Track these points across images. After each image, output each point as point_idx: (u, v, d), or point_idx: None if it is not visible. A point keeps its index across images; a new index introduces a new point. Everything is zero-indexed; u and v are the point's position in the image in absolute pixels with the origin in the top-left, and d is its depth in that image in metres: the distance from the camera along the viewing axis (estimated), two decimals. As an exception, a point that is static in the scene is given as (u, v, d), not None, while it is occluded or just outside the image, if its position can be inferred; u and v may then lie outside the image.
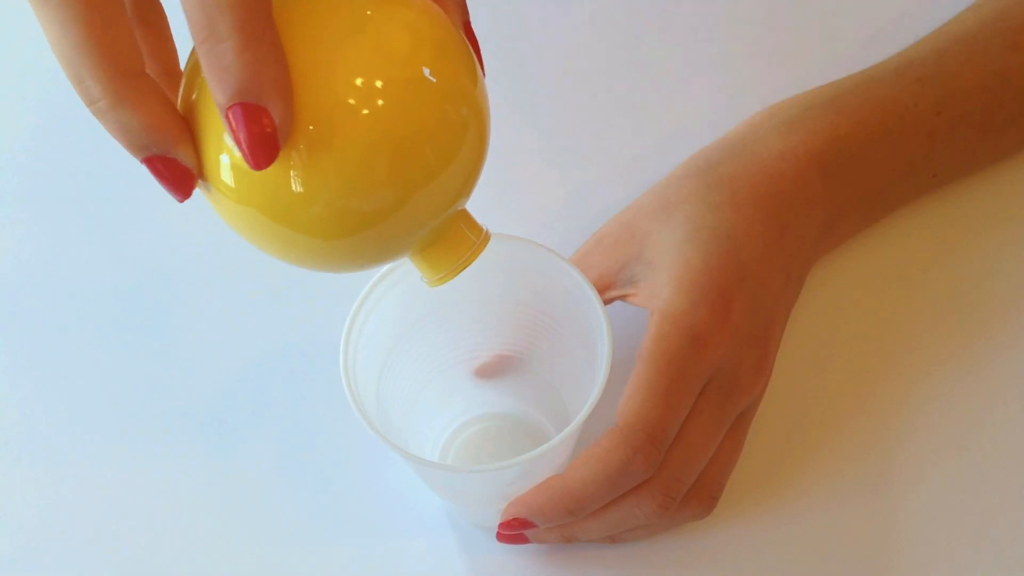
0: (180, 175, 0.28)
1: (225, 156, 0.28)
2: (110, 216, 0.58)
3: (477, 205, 0.54)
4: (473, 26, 0.34)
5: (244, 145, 0.26)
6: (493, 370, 0.49)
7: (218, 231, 0.32)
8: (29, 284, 0.56)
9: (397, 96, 0.29)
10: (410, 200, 0.30)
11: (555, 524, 0.44)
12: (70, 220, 0.58)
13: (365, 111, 0.28)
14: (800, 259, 0.49)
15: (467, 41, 0.32)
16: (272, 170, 0.27)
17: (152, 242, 0.57)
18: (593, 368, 0.42)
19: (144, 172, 0.28)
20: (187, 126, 0.28)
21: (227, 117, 0.26)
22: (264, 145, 0.26)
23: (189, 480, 0.50)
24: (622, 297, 0.48)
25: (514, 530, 0.44)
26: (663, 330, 0.44)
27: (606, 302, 0.48)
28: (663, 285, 0.46)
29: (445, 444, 0.50)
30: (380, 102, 0.29)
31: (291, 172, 0.28)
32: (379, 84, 0.29)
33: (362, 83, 0.28)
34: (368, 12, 0.29)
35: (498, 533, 0.45)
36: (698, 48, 0.62)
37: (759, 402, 0.47)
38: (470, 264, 0.34)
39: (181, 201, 0.29)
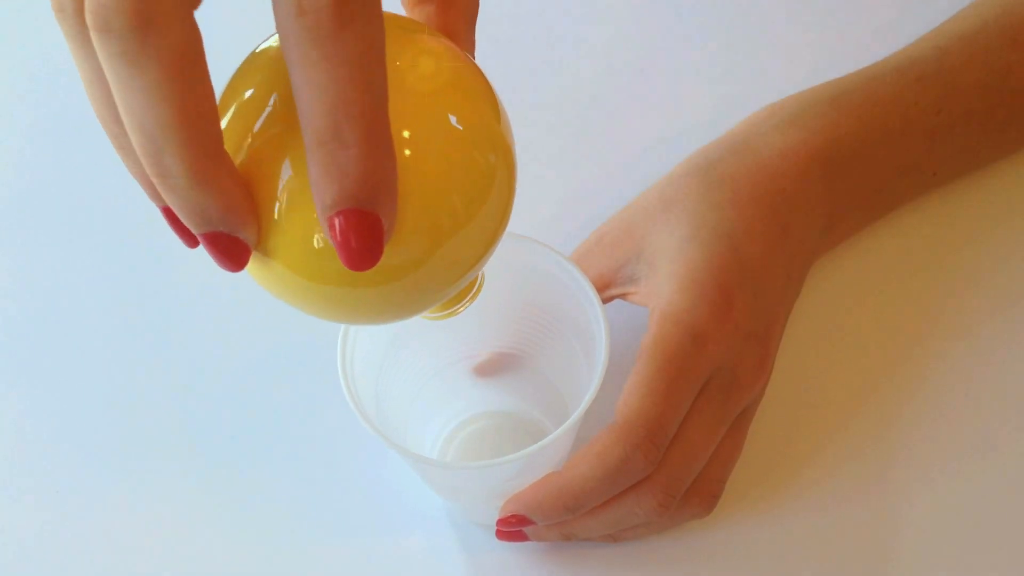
0: (238, 252, 0.27)
1: (294, 237, 0.27)
2: (105, 218, 0.58)
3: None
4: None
5: (349, 249, 0.26)
6: (492, 368, 0.49)
7: None
8: (26, 284, 0.56)
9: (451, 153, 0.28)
10: (480, 244, 0.30)
11: (553, 521, 0.44)
12: (67, 222, 0.58)
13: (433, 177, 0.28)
14: (801, 257, 0.49)
15: (487, 82, 0.31)
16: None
17: (148, 243, 0.56)
18: (592, 366, 0.42)
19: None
20: (255, 205, 0.27)
21: (333, 218, 0.25)
22: (371, 251, 0.26)
23: (188, 479, 0.50)
24: (622, 296, 0.48)
25: (512, 527, 0.44)
26: (663, 328, 0.44)
27: (606, 300, 0.47)
28: (663, 283, 0.46)
29: (444, 442, 0.50)
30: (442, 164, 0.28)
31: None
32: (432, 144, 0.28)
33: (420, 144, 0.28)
34: (396, 63, 0.28)
35: (497, 530, 0.45)
36: (699, 46, 0.62)
37: (759, 400, 0.47)
38: (469, 306, 0.34)
39: (234, 271, 0.28)
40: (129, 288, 0.56)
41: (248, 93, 0.28)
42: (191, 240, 0.28)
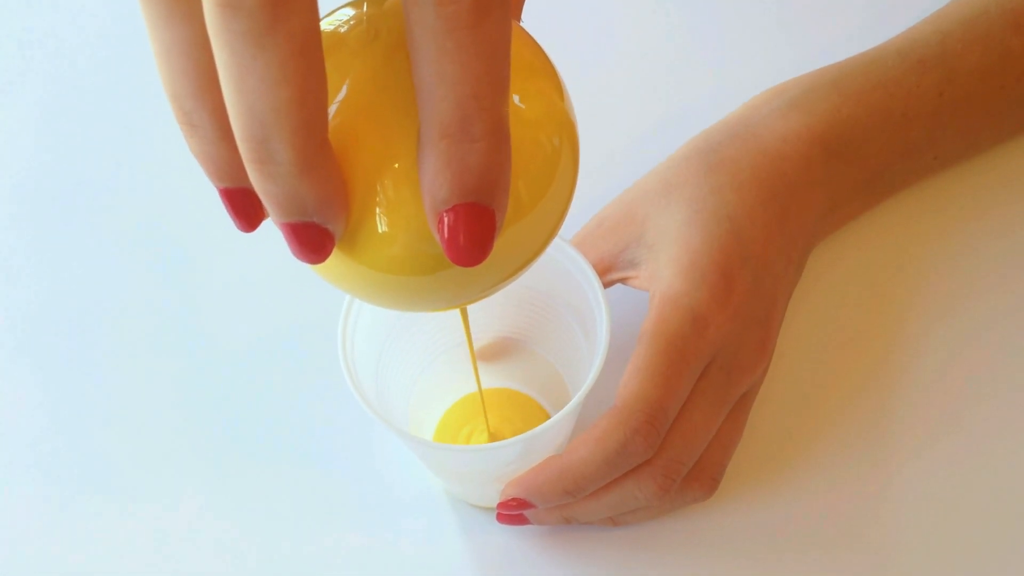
0: (323, 243, 0.26)
1: (380, 227, 0.26)
2: (101, 211, 0.58)
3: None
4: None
5: (460, 244, 0.25)
6: (493, 352, 0.49)
7: (213, 219, 0.32)
8: (24, 276, 0.56)
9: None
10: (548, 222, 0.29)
11: (554, 504, 0.44)
12: (64, 216, 0.58)
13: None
14: (801, 241, 0.49)
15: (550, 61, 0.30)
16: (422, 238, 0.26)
17: (147, 232, 0.57)
18: (592, 350, 0.42)
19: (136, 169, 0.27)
20: (349, 196, 0.26)
21: (445, 213, 0.25)
22: (483, 247, 0.25)
23: (189, 464, 0.50)
24: (623, 280, 0.48)
25: (512, 510, 0.44)
26: (664, 312, 0.44)
27: (607, 285, 0.47)
28: (664, 267, 0.46)
29: (445, 426, 0.50)
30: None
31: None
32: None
33: None
34: None
35: (497, 514, 0.45)
36: (701, 29, 0.62)
37: (760, 384, 0.47)
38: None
39: (313, 263, 0.27)
40: (126, 278, 0.56)
41: (335, 69, 0.26)
42: (249, 225, 0.27)
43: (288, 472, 0.49)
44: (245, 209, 0.27)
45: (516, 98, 0.27)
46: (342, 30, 0.27)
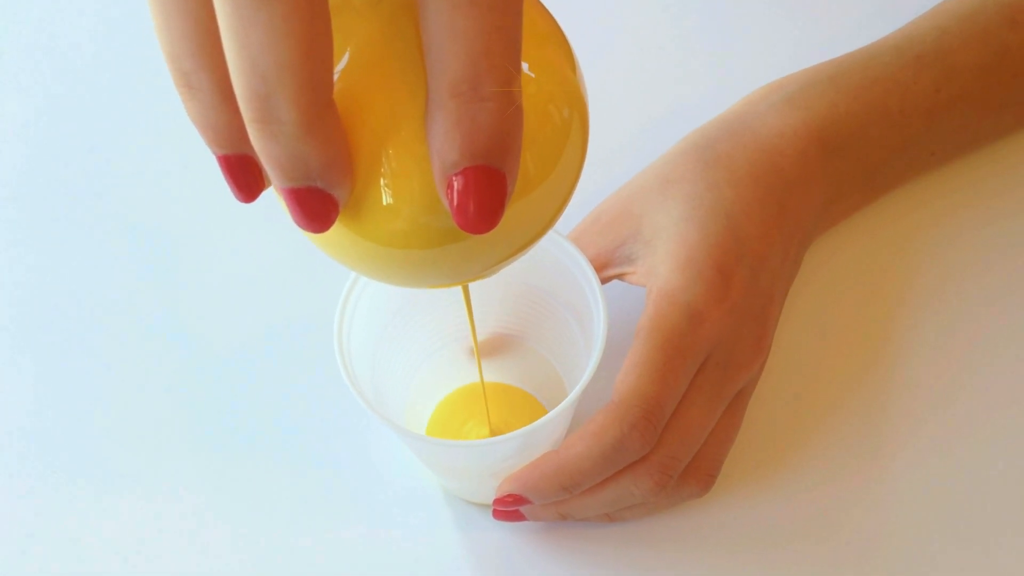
0: (327, 210, 0.25)
1: (385, 196, 0.25)
2: (93, 200, 0.58)
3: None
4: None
5: (470, 210, 0.24)
6: (490, 348, 0.49)
7: (208, 213, 0.32)
8: (16, 273, 0.56)
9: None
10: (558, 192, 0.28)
11: (550, 500, 0.44)
12: (53, 208, 0.58)
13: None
14: (798, 237, 0.49)
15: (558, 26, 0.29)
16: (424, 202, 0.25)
17: (141, 226, 0.56)
18: (589, 346, 0.42)
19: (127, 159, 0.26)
20: (353, 161, 0.25)
21: (457, 176, 0.24)
22: (494, 212, 0.24)
23: (183, 459, 0.50)
24: (620, 276, 0.48)
25: (509, 506, 0.44)
26: (660, 307, 0.44)
27: (604, 280, 0.47)
28: (661, 263, 0.46)
29: (441, 422, 0.50)
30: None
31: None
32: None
33: None
34: None
35: (493, 510, 0.45)
36: (698, 25, 0.62)
37: (757, 380, 0.47)
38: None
39: (317, 231, 0.25)
40: (119, 274, 0.55)
41: (340, 30, 0.25)
42: (248, 195, 0.26)
43: (283, 467, 0.49)
44: (245, 177, 0.26)
45: (526, 66, 0.26)
46: None
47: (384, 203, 0.25)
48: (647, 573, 0.46)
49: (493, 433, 0.47)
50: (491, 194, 0.24)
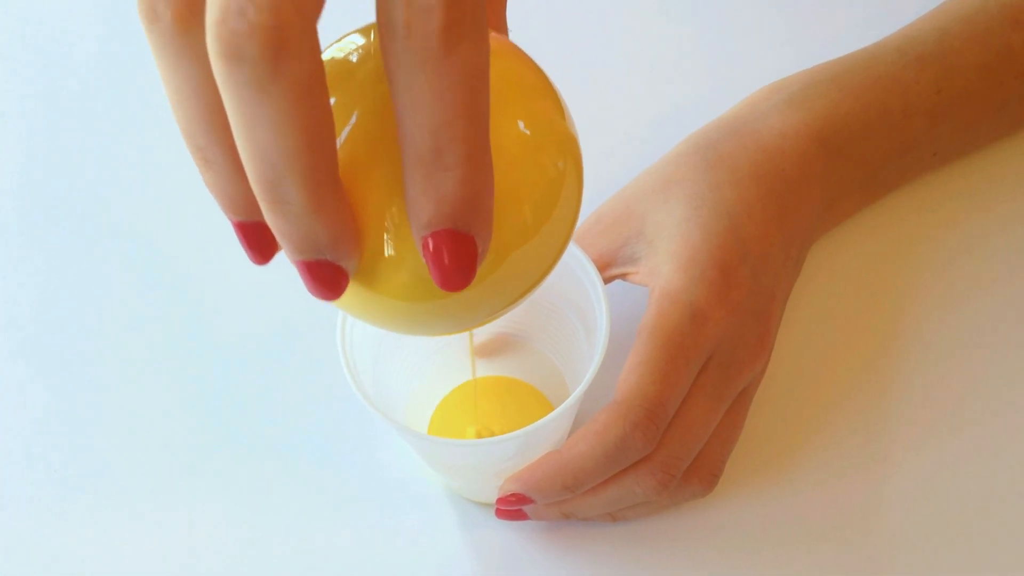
0: (338, 281, 0.26)
1: (389, 258, 0.27)
2: (98, 206, 0.58)
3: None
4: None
5: (442, 270, 0.25)
6: (493, 348, 0.49)
7: (213, 212, 0.32)
8: (23, 279, 0.56)
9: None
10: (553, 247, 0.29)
11: (553, 500, 0.44)
12: (58, 214, 0.58)
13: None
14: (800, 237, 0.49)
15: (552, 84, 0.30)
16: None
17: (145, 231, 0.57)
18: (592, 346, 0.42)
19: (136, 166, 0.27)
20: (361, 234, 0.26)
21: (428, 239, 0.25)
22: (465, 272, 0.26)
23: (185, 459, 0.50)
24: (622, 276, 0.48)
25: (512, 505, 0.44)
26: (663, 307, 0.44)
27: (606, 280, 0.47)
28: (663, 263, 0.46)
29: (444, 421, 0.50)
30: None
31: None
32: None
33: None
34: None
35: (496, 509, 0.45)
36: (700, 25, 0.62)
37: (760, 379, 0.47)
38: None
39: (328, 300, 0.27)
40: (124, 277, 0.56)
41: (339, 103, 0.26)
42: (262, 257, 0.28)
43: (287, 467, 0.49)
44: (259, 243, 0.27)
45: (520, 123, 0.27)
46: (347, 61, 0.27)
47: (386, 264, 0.27)
48: (649, 572, 0.46)
49: (494, 432, 0.47)
50: (460, 255, 0.25)
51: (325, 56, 0.27)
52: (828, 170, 0.50)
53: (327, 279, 0.26)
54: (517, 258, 0.28)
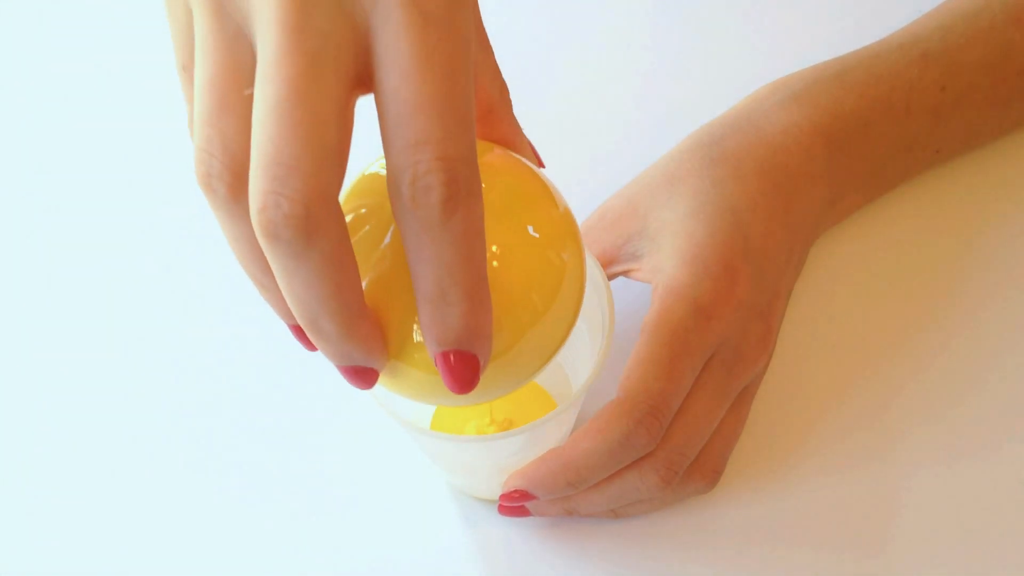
0: (370, 378, 0.32)
1: (412, 360, 0.32)
2: (108, 217, 0.58)
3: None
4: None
5: (450, 381, 0.31)
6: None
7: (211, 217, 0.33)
8: (21, 282, 0.56)
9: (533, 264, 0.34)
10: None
11: (556, 496, 0.44)
12: (60, 214, 0.58)
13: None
14: (803, 234, 0.49)
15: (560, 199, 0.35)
16: None
17: (149, 242, 0.57)
18: (596, 342, 0.42)
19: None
20: (386, 343, 0.32)
21: (438, 357, 0.30)
22: (470, 380, 0.31)
23: (191, 456, 0.50)
24: (625, 272, 0.48)
25: (514, 501, 0.44)
26: (666, 303, 0.44)
27: (609, 277, 0.48)
28: (667, 259, 0.46)
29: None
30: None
31: None
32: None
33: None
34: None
35: (499, 505, 0.45)
36: (704, 22, 0.62)
37: (762, 376, 0.47)
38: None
39: (364, 389, 0.33)
40: (128, 279, 0.56)
41: (366, 229, 0.32)
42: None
43: (289, 463, 0.49)
44: (307, 340, 0.33)
45: (530, 227, 0.33)
46: (368, 197, 0.33)
47: (413, 363, 0.33)
48: (652, 569, 0.46)
49: (498, 428, 0.47)
50: (465, 369, 0.31)
51: (351, 189, 0.33)
52: (831, 167, 0.50)
53: (359, 377, 0.32)
54: (529, 337, 0.33)
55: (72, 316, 0.54)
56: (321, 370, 0.51)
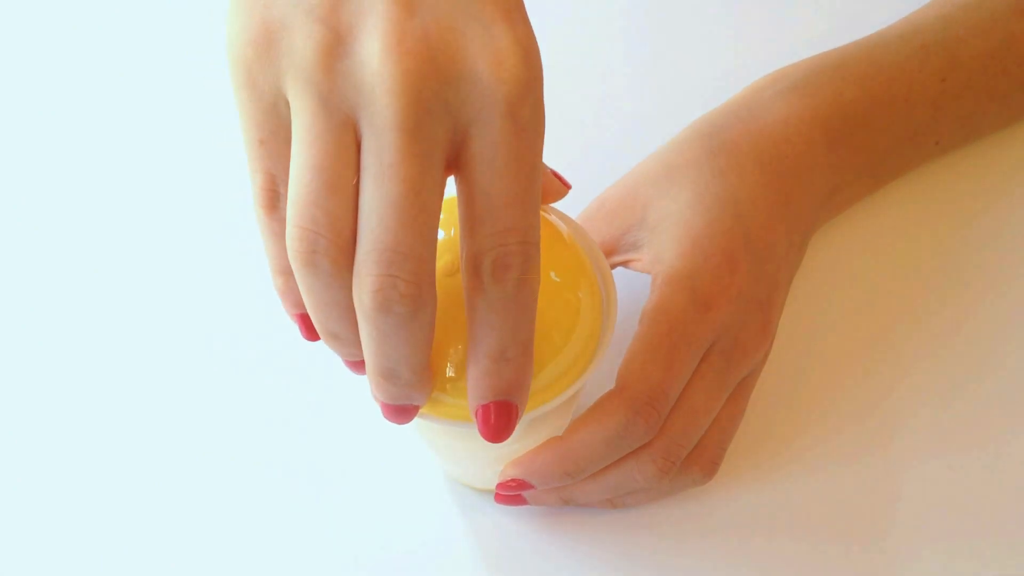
0: (411, 414, 0.36)
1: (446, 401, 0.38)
2: (107, 217, 0.58)
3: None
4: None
5: (489, 427, 0.35)
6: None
7: (217, 205, 0.33)
8: (25, 281, 0.56)
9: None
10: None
11: (553, 486, 0.44)
12: (61, 208, 0.58)
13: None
14: (803, 225, 0.49)
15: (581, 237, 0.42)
16: None
17: (148, 240, 0.56)
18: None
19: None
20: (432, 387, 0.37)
21: (480, 408, 0.35)
22: (508, 429, 0.35)
23: (188, 446, 0.50)
24: (624, 263, 0.48)
25: (512, 491, 0.44)
26: (666, 293, 0.44)
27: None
28: (666, 250, 0.46)
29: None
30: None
31: None
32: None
33: None
34: None
35: (496, 494, 0.45)
36: (704, 12, 0.62)
37: (762, 367, 0.47)
38: None
39: (401, 424, 0.37)
40: (128, 276, 0.56)
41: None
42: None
43: (284, 452, 0.49)
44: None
45: (552, 274, 0.39)
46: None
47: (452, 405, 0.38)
48: (649, 559, 0.46)
49: None
50: (506, 418, 0.35)
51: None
52: (831, 157, 0.50)
53: (403, 414, 0.36)
54: (553, 366, 0.38)
55: (72, 316, 0.54)
56: (315, 359, 0.51)
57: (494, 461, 0.44)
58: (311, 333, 0.37)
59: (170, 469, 0.49)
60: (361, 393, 0.39)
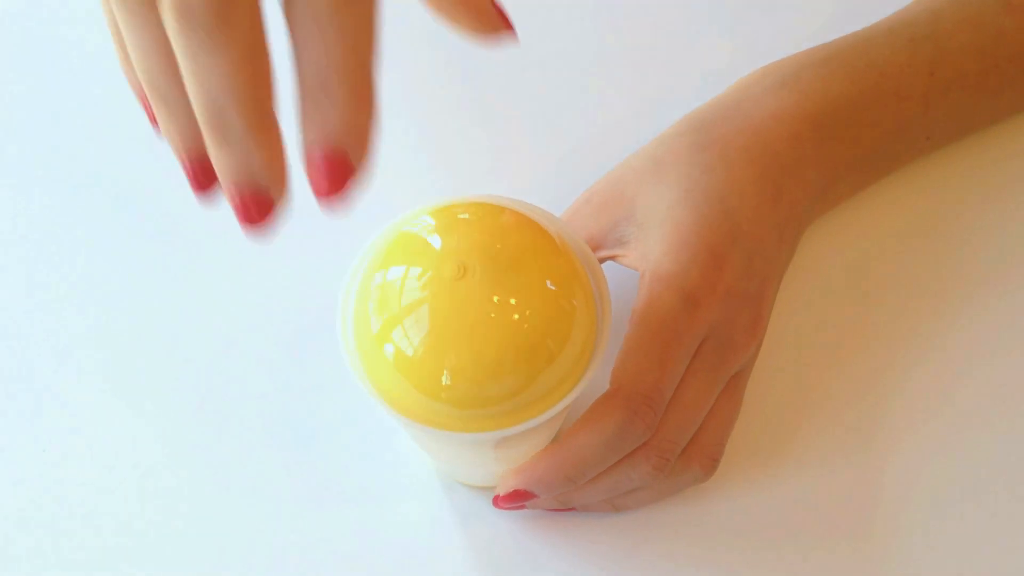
0: (266, 206, 0.30)
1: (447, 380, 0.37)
2: (90, 193, 0.57)
3: (466, 164, 0.54)
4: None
5: (319, 184, 0.29)
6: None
7: (214, 217, 0.33)
8: (25, 281, 0.55)
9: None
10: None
11: (555, 493, 0.44)
12: (61, 205, 0.58)
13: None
14: (794, 220, 0.49)
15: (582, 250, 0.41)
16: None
17: (142, 223, 0.56)
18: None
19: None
20: (288, 170, 0.30)
21: (309, 159, 0.29)
22: (338, 184, 0.29)
23: (183, 446, 0.50)
24: (612, 258, 0.48)
25: (515, 502, 0.44)
26: (654, 291, 0.44)
27: (596, 263, 0.47)
28: (654, 246, 0.46)
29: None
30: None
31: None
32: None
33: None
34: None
35: (496, 501, 0.45)
36: (692, 7, 0.62)
37: (754, 362, 0.47)
38: None
39: (254, 225, 0.30)
40: (119, 271, 0.55)
41: (398, 283, 0.38)
42: (202, 188, 0.31)
43: (279, 453, 0.49)
44: (202, 175, 0.31)
45: (548, 282, 0.38)
46: (417, 242, 0.38)
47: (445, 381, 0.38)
48: (650, 559, 0.46)
49: None
50: (335, 172, 0.29)
51: (386, 247, 0.39)
52: (821, 153, 0.50)
53: (257, 208, 0.29)
54: (549, 372, 0.38)
55: (72, 316, 0.54)
56: (314, 359, 0.51)
57: (491, 462, 0.44)
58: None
59: (170, 469, 0.49)
60: (361, 393, 0.39)
